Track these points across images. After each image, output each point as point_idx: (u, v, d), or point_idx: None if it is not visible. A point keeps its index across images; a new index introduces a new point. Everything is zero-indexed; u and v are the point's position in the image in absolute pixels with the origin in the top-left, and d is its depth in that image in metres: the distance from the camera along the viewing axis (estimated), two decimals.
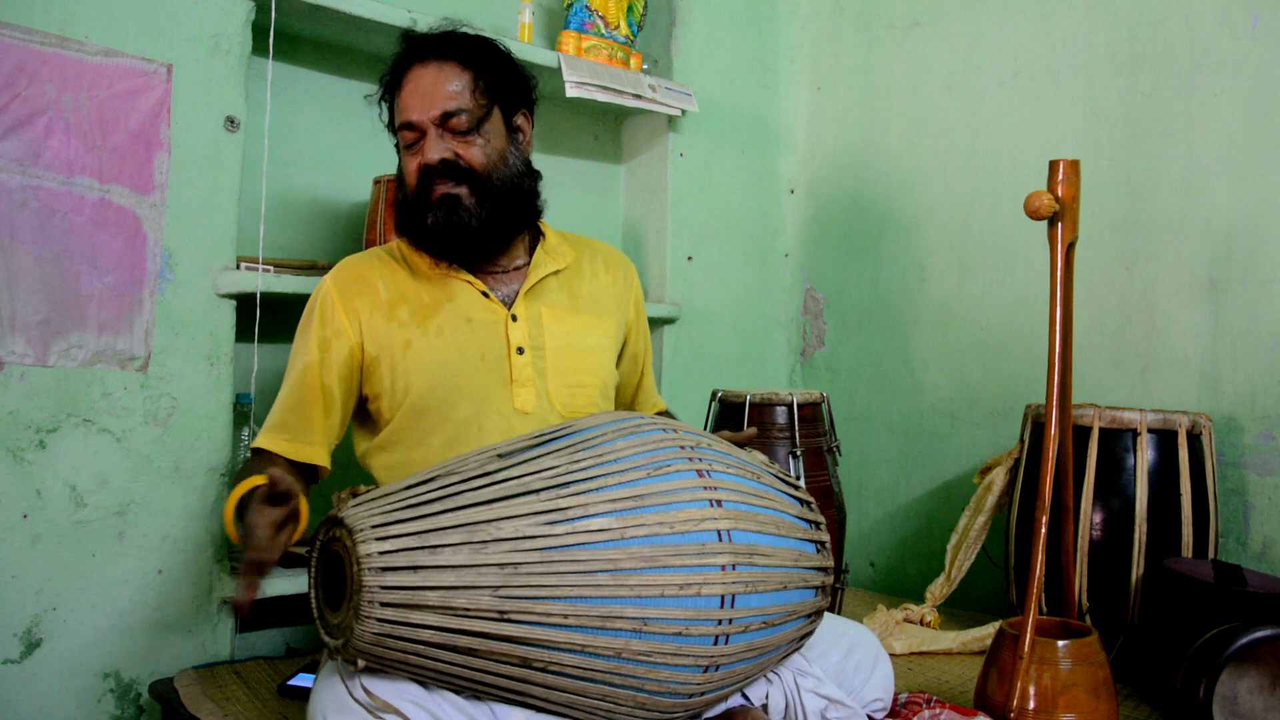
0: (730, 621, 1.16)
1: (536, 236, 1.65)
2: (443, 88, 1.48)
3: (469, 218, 1.50)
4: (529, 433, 1.27)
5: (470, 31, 1.58)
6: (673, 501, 1.16)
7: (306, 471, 1.52)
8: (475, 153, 1.50)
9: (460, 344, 1.52)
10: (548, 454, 1.18)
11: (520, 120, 1.60)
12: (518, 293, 1.58)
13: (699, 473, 1.21)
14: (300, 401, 1.51)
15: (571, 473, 1.15)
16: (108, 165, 1.64)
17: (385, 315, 1.52)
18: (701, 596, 1.14)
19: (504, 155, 1.54)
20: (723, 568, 1.16)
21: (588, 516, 1.11)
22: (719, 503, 1.19)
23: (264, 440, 1.50)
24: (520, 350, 1.53)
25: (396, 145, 1.57)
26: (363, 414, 1.59)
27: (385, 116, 1.58)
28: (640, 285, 1.78)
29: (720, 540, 1.17)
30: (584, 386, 1.58)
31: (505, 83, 1.55)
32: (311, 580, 1.12)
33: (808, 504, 1.33)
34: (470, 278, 1.56)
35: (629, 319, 1.73)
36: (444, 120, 1.48)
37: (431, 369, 1.50)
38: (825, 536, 1.32)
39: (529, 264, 1.61)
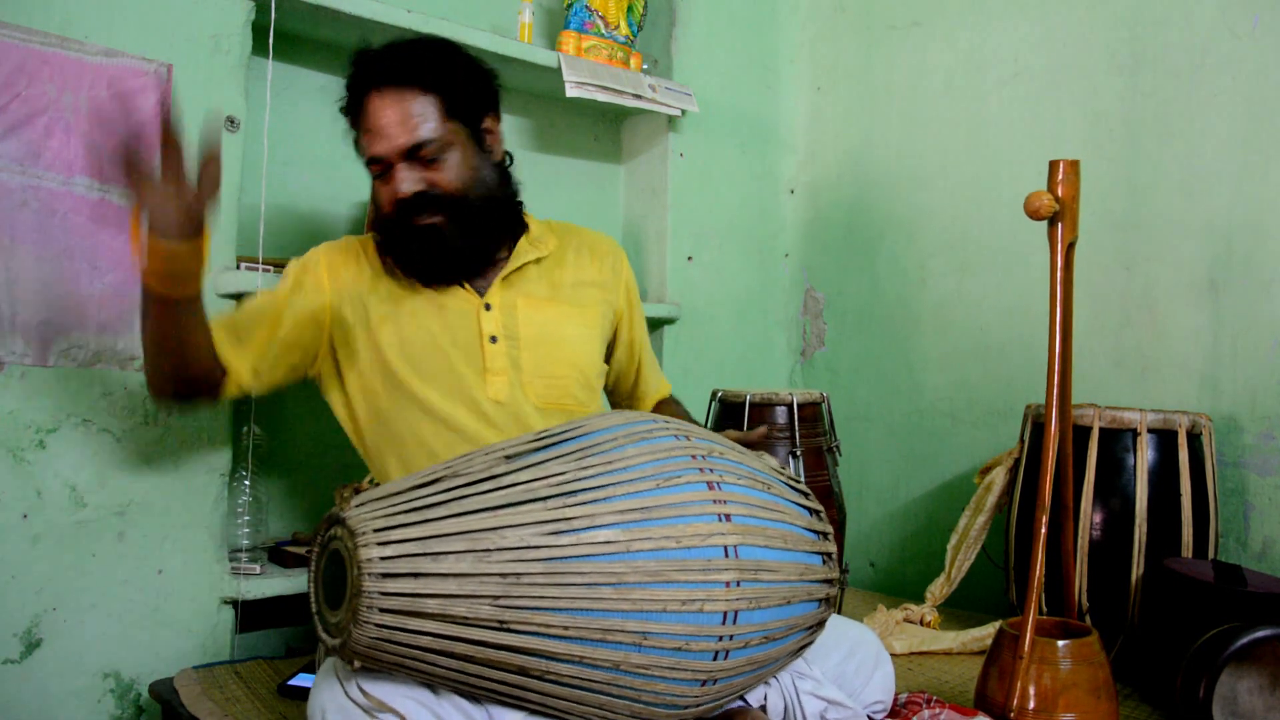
0: (731, 638, 1.15)
1: (519, 229, 1.65)
2: (405, 120, 1.46)
3: (451, 244, 1.50)
4: (537, 431, 1.26)
5: (426, 36, 1.55)
6: (681, 515, 1.14)
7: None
8: (448, 177, 1.49)
9: (431, 328, 1.54)
10: (556, 458, 1.16)
11: (488, 123, 1.58)
12: (491, 281, 1.58)
13: (709, 485, 1.18)
14: (255, 314, 1.52)
15: (580, 480, 1.13)
16: (107, 165, 1.64)
17: (368, 288, 1.56)
18: (704, 613, 1.12)
19: (476, 171, 1.53)
20: (727, 584, 1.14)
21: (594, 528, 1.10)
22: (728, 517, 1.17)
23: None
24: (494, 339, 1.54)
25: (367, 166, 1.56)
26: (346, 393, 1.59)
27: (352, 139, 1.56)
28: (632, 271, 1.77)
29: (727, 556, 1.15)
30: (560, 378, 1.58)
31: (469, 96, 1.53)
32: (311, 577, 1.12)
33: (817, 513, 1.31)
34: None
35: (619, 307, 1.72)
36: (410, 153, 1.47)
37: (402, 346, 1.53)
38: (832, 547, 1.30)
39: (510, 256, 1.61)
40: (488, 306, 1.56)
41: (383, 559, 1.02)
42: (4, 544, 1.56)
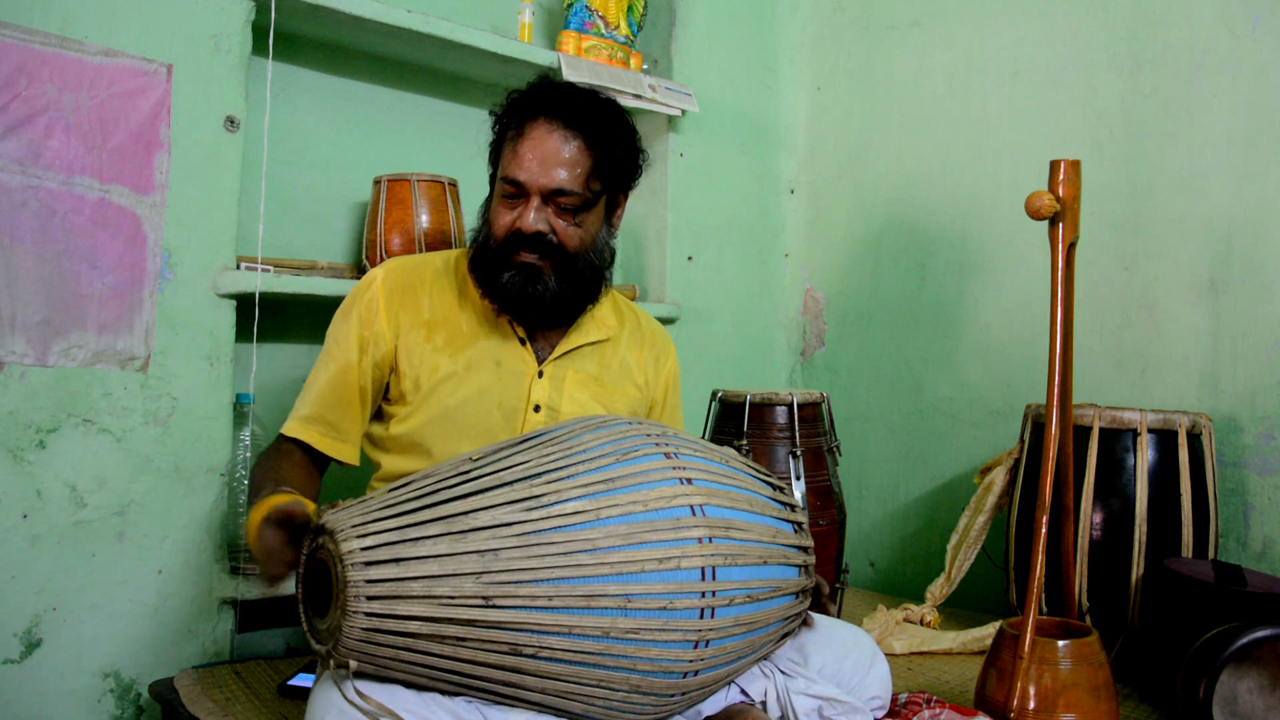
0: (714, 594, 1.18)
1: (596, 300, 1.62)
2: (561, 163, 1.44)
3: (545, 292, 1.48)
4: (499, 441, 1.29)
5: (608, 94, 1.54)
6: (644, 481, 1.19)
7: (322, 462, 1.53)
8: (571, 234, 1.47)
9: (482, 386, 1.51)
10: (518, 451, 1.21)
11: (621, 199, 1.58)
12: (553, 349, 1.56)
13: (666, 455, 1.24)
14: (338, 400, 1.51)
15: (542, 464, 1.18)
16: (108, 165, 1.64)
17: (424, 335, 1.52)
18: (682, 570, 1.16)
19: (596, 239, 1.52)
20: (699, 540, 1.18)
21: (562, 501, 1.14)
22: (689, 480, 1.22)
23: (297, 430, 1.50)
24: (537, 408, 1.53)
25: (492, 176, 1.53)
26: (377, 412, 1.58)
27: (492, 147, 1.53)
28: (677, 367, 1.75)
29: (694, 515, 1.20)
30: None
31: (621, 168, 1.53)
32: (299, 590, 1.14)
33: (779, 488, 1.36)
34: (515, 323, 1.55)
35: (655, 398, 1.71)
36: (551, 195, 1.45)
37: (448, 403, 1.50)
38: (802, 519, 1.35)
39: (574, 323, 1.59)
40: (540, 374, 1.55)
41: (364, 549, 1.06)
42: (4, 544, 1.56)
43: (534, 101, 1.49)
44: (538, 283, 1.47)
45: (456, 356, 1.52)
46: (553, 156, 1.44)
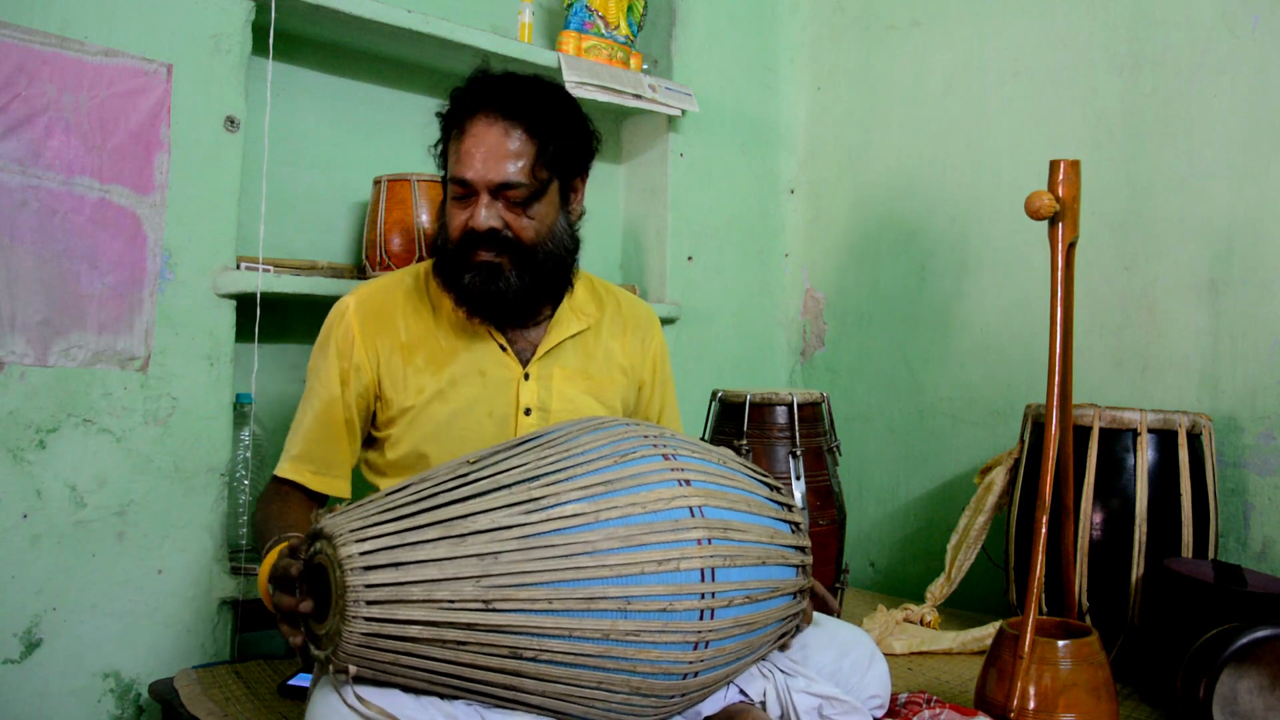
0: (714, 595, 1.18)
1: (568, 288, 1.61)
2: (505, 155, 1.42)
3: (507, 288, 1.47)
4: (496, 444, 1.29)
5: (546, 80, 1.52)
6: (642, 483, 1.19)
7: (319, 497, 1.55)
8: (525, 226, 1.46)
9: (470, 398, 1.52)
10: (516, 454, 1.21)
11: (576, 183, 1.56)
12: (535, 349, 1.56)
13: (665, 456, 1.24)
14: (325, 435, 1.52)
15: (541, 467, 1.18)
16: (108, 165, 1.64)
17: (403, 358, 1.52)
18: (681, 571, 1.16)
19: (553, 228, 1.50)
20: (699, 542, 1.18)
21: (561, 504, 1.14)
22: (687, 482, 1.22)
23: (289, 471, 1.52)
24: (528, 411, 1.54)
25: (444, 180, 1.53)
26: (370, 439, 1.59)
27: (439, 149, 1.53)
28: (663, 342, 1.74)
29: (693, 516, 1.20)
30: None
31: (569, 151, 1.49)
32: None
33: (776, 488, 1.36)
34: (491, 327, 1.55)
35: (643, 379, 1.71)
36: (499, 189, 1.43)
37: (439, 419, 1.51)
38: (800, 519, 1.35)
39: (552, 318, 1.58)
40: (526, 377, 1.55)
41: (362, 554, 1.05)
42: (4, 544, 1.56)
43: (472, 97, 1.47)
44: (499, 280, 1.46)
45: (439, 374, 1.52)
46: (495, 150, 1.42)
